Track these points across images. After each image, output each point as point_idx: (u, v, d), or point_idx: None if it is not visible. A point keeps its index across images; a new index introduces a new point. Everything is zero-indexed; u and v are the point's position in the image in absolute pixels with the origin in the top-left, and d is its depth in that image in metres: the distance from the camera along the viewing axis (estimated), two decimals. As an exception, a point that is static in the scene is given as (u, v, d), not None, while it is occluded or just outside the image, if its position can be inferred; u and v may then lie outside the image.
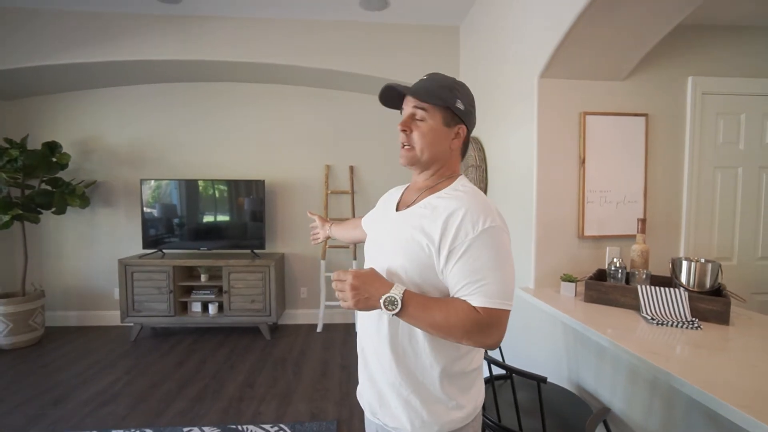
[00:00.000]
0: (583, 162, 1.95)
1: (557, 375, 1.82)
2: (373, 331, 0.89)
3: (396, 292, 0.76)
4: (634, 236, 1.85)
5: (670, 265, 1.66)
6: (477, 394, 0.89)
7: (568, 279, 1.82)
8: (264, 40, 3.10)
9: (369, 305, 0.78)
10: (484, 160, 2.67)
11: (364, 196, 3.85)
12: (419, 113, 0.86)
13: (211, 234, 3.59)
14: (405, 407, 0.84)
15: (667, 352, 1.16)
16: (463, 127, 0.89)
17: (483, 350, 0.92)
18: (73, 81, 3.38)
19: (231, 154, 3.75)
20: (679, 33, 1.87)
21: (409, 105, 0.88)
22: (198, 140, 3.72)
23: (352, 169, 3.80)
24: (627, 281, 1.74)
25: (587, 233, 1.96)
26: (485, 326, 0.75)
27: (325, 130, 3.80)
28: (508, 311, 0.77)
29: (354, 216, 3.76)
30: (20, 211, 3.07)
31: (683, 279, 1.60)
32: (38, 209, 3.22)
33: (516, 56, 2.16)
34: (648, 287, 1.55)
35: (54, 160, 3.26)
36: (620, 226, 1.98)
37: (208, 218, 3.59)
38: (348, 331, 3.65)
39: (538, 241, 1.94)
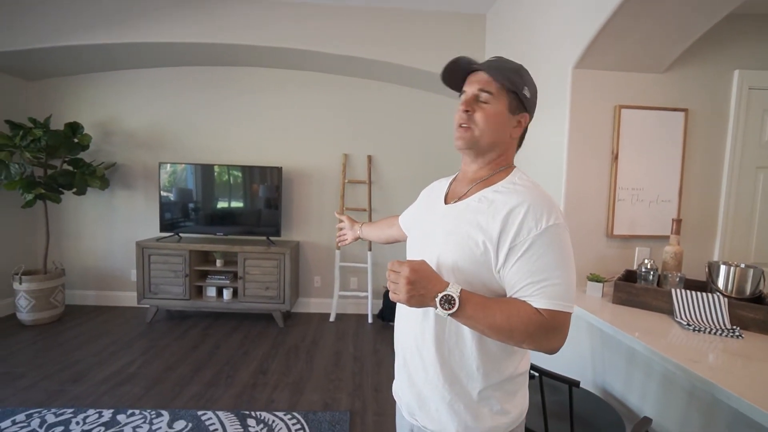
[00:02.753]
0: (616, 158, 1.87)
1: (581, 378, 1.76)
2: (416, 329, 0.84)
3: (453, 290, 0.70)
4: (665, 237, 1.78)
5: (706, 269, 1.58)
6: (522, 400, 0.85)
7: (596, 279, 1.76)
8: (284, 25, 3.05)
9: (422, 303, 0.72)
10: (507, 153, 2.59)
11: (381, 186, 3.80)
12: (484, 95, 0.81)
13: (228, 219, 3.59)
14: (447, 411, 0.80)
15: (709, 360, 1.10)
16: (526, 115, 0.85)
17: (529, 353, 0.88)
18: (94, 62, 3.39)
19: (249, 140, 3.73)
20: (726, 23, 1.75)
21: (473, 86, 0.82)
22: (216, 125, 3.71)
23: (370, 158, 3.75)
24: (658, 284, 1.67)
25: (617, 232, 1.88)
26: (549, 330, 0.70)
27: (344, 119, 3.75)
28: (570, 314, 0.73)
29: (370, 206, 3.72)
30: (43, 191, 3.11)
31: (720, 284, 1.52)
32: (60, 189, 3.25)
33: (548, 46, 2.07)
34: (683, 291, 1.48)
35: (76, 140, 3.29)
36: (652, 226, 1.90)
37: (224, 204, 3.59)
38: (360, 322, 3.63)
39: (565, 239, 1.86)
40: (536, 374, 1.17)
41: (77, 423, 1.98)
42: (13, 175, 3.06)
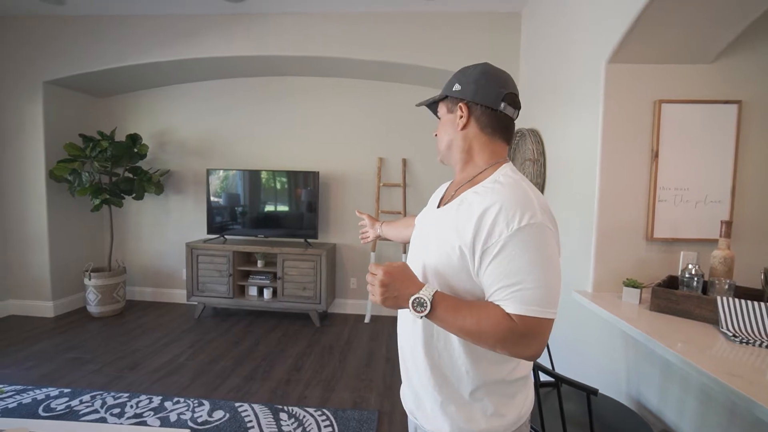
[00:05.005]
0: (656, 156, 1.74)
1: (614, 389, 1.67)
2: (409, 333, 0.86)
3: (425, 293, 0.70)
4: (715, 241, 1.63)
5: (762, 276, 1.44)
6: (522, 403, 0.82)
7: (632, 284, 1.65)
8: (319, 34, 3.17)
9: (397, 304, 0.73)
10: (542, 153, 2.50)
11: (416, 189, 3.82)
12: (439, 116, 0.91)
13: (268, 222, 3.78)
14: (440, 411, 0.81)
15: (754, 375, 1.00)
16: (461, 104, 0.82)
17: None
18: (151, 78, 3.72)
19: (288, 146, 3.90)
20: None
21: None
22: (259, 132, 3.92)
23: (404, 162, 3.77)
24: (704, 291, 1.54)
25: (657, 235, 1.75)
26: (520, 336, 0.67)
27: (379, 123, 3.81)
28: (551, 320, 0.68)
29: (405, 209, 3.75)
30: (108, 196, 3.46)
31: (778, 293, 1.38)
32: (122, 194, 3.60)
33: (581, 41, 1.98)
34: (731, 299, 1.35)
35: (135, 150, 3.62)
36: (699, 228, 1.75)
37: (266, 207, 3.78)
38: (395, 324, 3.64)
39: (599, 241, 1.77)
40: (553, 379, 1.13)
41: (131, 406, 2.18)
42: (84, 183, 3.43)
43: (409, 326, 0.85)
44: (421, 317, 0.71)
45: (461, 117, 0.82)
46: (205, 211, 3.87)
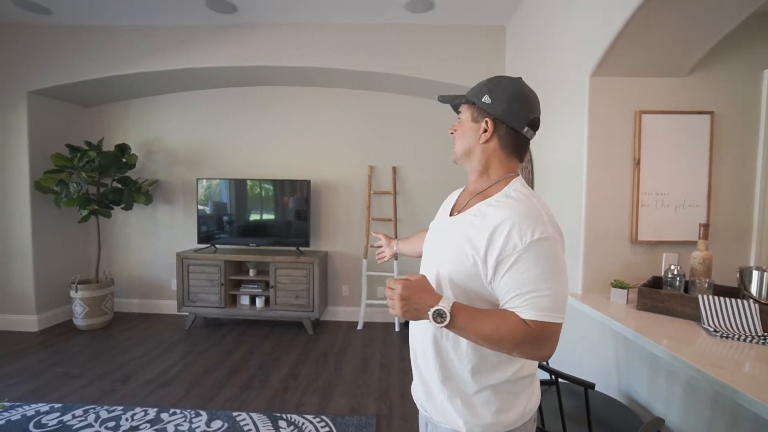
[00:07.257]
0: (638, 163, 1.85)
1: (606, 384, 1.75)
2: (421, 333, 0.92)
3: (444, 305, 0.74)
4: (694, 242, 1.74)
5: (738, 275, 1.54)
6: (527, 400, 0.87)
7: (620, 285, 1.74)
8: (312, 45, 3.22)
9: (417, 316, 0.77)
10: (530, 160, 2.60)
11: (406, 196, 3.88)
12: (459, 115, 0.94)
13: (260, 231, 3.77)
14: (449, 405, 0.86)
15: (734, 366, 1.08)
16: (488, 120, 0.85)
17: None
18: (139, 89, 3.70)
19: (279, 155, 3.92)
20: (753, 21, 1.72)
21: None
22: (249, 141, 3.93)
23: (394, 169, 3.84)
24: (686, 290, 1.64)
25: (641, 238, 1.86)
26: (536, 339, 0.73)
27: (369, 132, 3.87)
28: (561, 324, 0.75)
29: (395, 216, 3.80)
30: (96, 207, 3.41)
31: (753, 290, 1.48)
32: (110, 205, 3.55)
33: (565, 55, 2.09)
34: (711, 297, 1.45)
35: (124, 160, 3.59)
36: (679, 231, 1.86)
37: (257, 216, 3.78)
38: (387, 330, 3.69)
39: (587, 245, 1.86)
40: (550, 376, 1.19)
41: (126, 419, 2.15)
42: (72, 194, 3.37)
43: (421, 327, 0.91)
44: (442, 327, 0.75)
45: (485, 131, 0.86)
46: (194, 220, 3.84)
